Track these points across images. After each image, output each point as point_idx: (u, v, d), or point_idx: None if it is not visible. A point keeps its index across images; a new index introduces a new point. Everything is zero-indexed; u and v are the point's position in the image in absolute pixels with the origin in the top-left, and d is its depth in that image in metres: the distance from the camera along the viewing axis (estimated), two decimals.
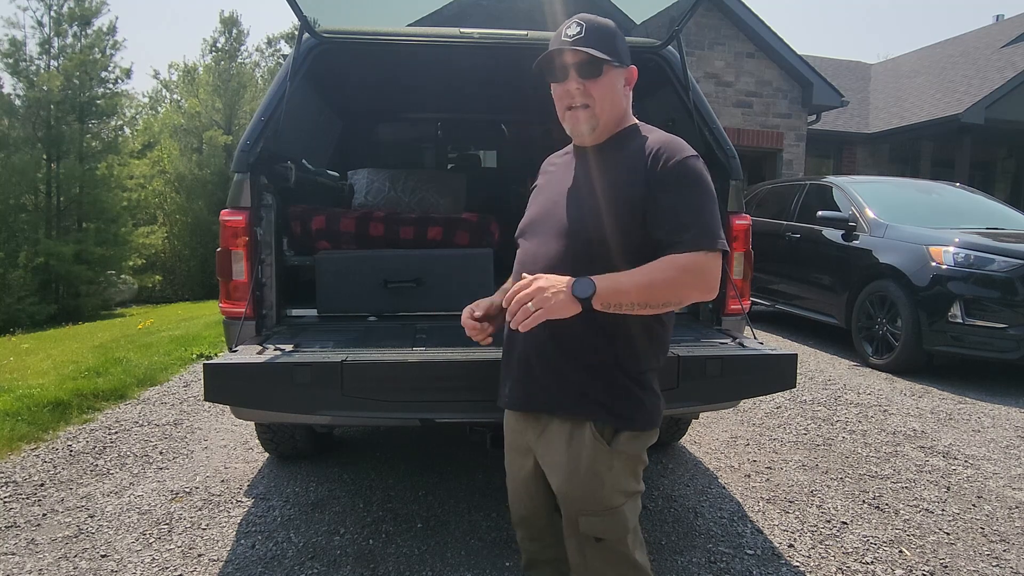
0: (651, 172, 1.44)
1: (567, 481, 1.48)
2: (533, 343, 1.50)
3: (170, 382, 5.24)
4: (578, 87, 1.48)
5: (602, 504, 1.46)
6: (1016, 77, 12.14)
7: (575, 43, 1.46)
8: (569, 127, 1.55)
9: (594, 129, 1.52)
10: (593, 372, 1.47)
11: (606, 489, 1.46)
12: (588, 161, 1.55)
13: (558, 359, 1.48)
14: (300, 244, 2.99)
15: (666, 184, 1.42)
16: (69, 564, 2.45)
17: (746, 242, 2.71)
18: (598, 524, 1.47)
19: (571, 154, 1.65)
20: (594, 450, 1.46)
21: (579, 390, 1.47)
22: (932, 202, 6.50)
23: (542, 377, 1.51)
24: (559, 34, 1.51)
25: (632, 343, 1.48)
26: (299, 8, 2.43)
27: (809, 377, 5.32)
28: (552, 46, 1.51)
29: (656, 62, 2.87)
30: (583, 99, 1.49)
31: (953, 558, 2.56)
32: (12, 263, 11.74)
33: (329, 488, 3.13)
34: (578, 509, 1.48)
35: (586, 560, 1.49)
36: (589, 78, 1.47)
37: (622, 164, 1.49)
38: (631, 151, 1.50)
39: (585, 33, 1.47)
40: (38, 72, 13.21)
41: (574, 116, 1.52)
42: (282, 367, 1.95)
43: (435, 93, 4.02)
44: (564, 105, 1.53)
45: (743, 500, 3.06)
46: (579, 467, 1.46)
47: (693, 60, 11.13)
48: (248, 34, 37.92)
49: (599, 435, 1.46)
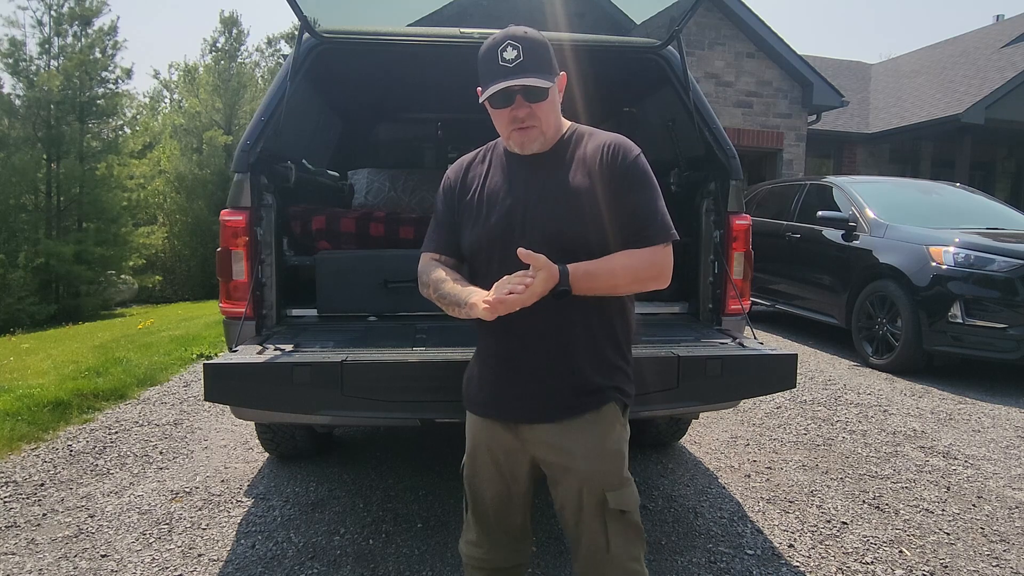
0: (609, 172, 1.54)
1: (599, 461, 1.56)
2: (543, 356, 1.56)
3: (170, 382, 5.24)
4: (528, 111, 1.52)
5: (622, 477, 1.58)
6: (1016, 77, 12.13)
7: (518, 69, 1.47)
8: (517, 146, 1.58)
9: (543, 144, 1.58)
10: (605, 365, 1.58)
11: (623, 463, 1.60)
12: (542, 167, 1.59)
13: (577, 366, 1.56)
14: (300, 244, 2.99)
15: (623, 184, 1.54)
16: (69, 564, 2.45)
17: (746, 242, 2.70)
18: (622, 497, 1.56)
19: (503, 159, 1.65)
20: (614, 429, 1.58)
21: (599, 384, 1.57)
22: (932, 202, 6.50)
23: (564, 386, 1.56)
24: (496, 57, 1.49)
25: (624, 329, 1.63)
26: (299, 8, 2.43)
27: (809, 377, 5.32)
28: (488, 71, 1.51)
29: (656, 62, 2.87)
30: (532, 121, 1.53)
31: (953, 558, 2.56)
32: (12, 263, 11.74)
33: (329, 488, 3.13)
34: (604, 487, 1.55)
35: (609, 538, 1.56)
36: (536, 101, 1.51)
37: (578, 167, 1.56)
38: (585, 154, 1.58)
39: (524, 56, 1.48)
40: (38, 72, 13.21)
41: (525, 135, 1.54)
42: (282, 367, 1.95)
43: (435, 93, 4.02)
44: (511, 128, 1.55)
45: (743, 500, 3.06)
46: (607, 447, 1.57)
47: (693, 60, 11.12)
48: (248, 34, 38.02)
49: (617, 415, 1.59)
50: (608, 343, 1.59)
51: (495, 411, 1.64)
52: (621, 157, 1.55)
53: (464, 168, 1.72)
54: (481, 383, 1.67)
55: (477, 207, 1.63)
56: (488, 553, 1.71)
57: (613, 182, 1.53)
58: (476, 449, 1.69)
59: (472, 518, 1.73)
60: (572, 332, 1.54)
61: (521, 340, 1.55)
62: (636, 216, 1.53)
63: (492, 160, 1.68)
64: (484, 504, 1.70)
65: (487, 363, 1.65)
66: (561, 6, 8.21)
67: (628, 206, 1.53)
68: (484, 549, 1.72)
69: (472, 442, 1.70)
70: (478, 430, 1.68)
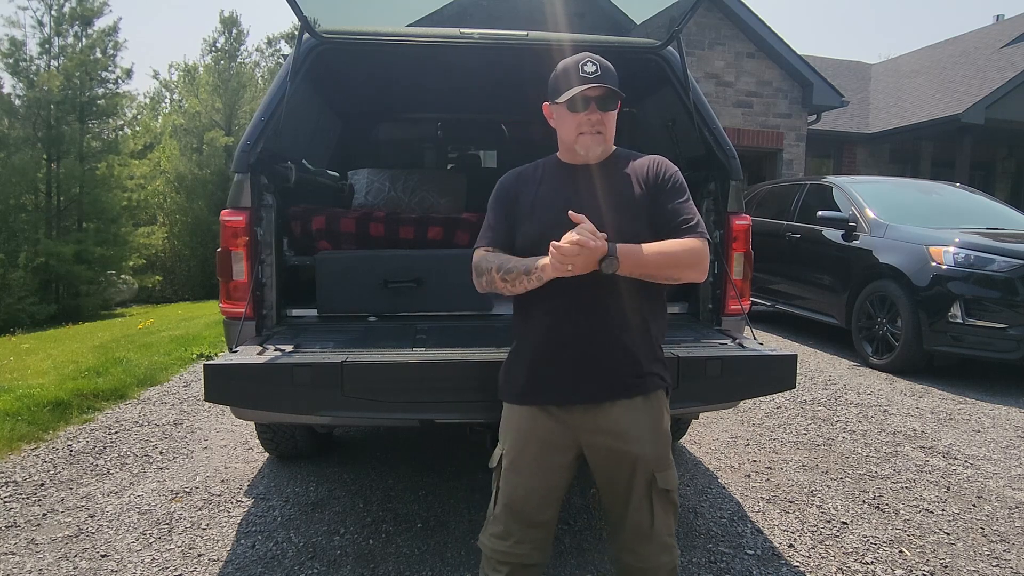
0: (654, 183, 1.76)
1: (652, 445, 1.70)
2: (594, 339, 1.68)
3: (170, 382, 5.24)
4: (599, 117, 1.73)
5: (669, 459, 1.74)
6: (1016, 77, 12.12)
7: (598, 80, 1.70)
8: (583, 149, 1.75)
9: (603, 152, 1.77)
10: (652, 351, 1.75)
11: (670, 446, 1.76)
12: (594, 176, 1.78)
13: (628, 348, 1.70)
14: (300, 244, 2.99)
15: (668, 192, 1.75)
16: (69, 564, 2.46)
17: (746, 242, 2.70)
18: (669, 477, 1.72)
19: (557, 170, 1.83)
20: (663, 414, 1.75)
21: (648, 369, 1.72)
22: (932, 202, 6.49)
23: (618, 366, 1.69)
24: (576, 69, 1.72)
25: (662, 320, 1.82)
26: (299, 8, 2.43)
27: (809, 377, 5.32)
28: (568, 80, 1.72)
29: (656, 62, 2.87)
30: (600, 127, 1.73)
31: (953, 558, 2.56)
32: (12, 263, 11.74)
33: (329, 488, 3.13)
34: (655, 467, 1.70)
35: (654, 517, 1.70)
36: (607, 110, 1.74)
37: (629, 179, 1.77)
38: (633, 167, 1.79)
39: (602, 72, 1.72)
40: (38, 72, 13.20)
41: (590, 140, 1.74)
42: (282, 367, 1.95)
43: (435, 93, 4.02)
44: (578, 131, 1.74)
45: (743, 500, 3.06)
46: (659, 430, 1.73)
47: (693, 60, 11.12)
48: (248, 34, 37.96)
49: (664, 401, 1.77)
50: (652, 332, 1.75)
51: (544, 396, 1.71)
52: (664, 171, 1.78)
53: (518, 176, 1.87)
54: (525, 372, 1.74)
55: (531, 208, 1.78)
56: (514, 547, 1.73)
57: (657, 191, 1.75)
58: (526, 440, 1.73)
59: (502, 512, 1.74)
60: (622, 315, 1.68)
61: (569, 325, 1.68)
62: (679, 216, 1.72)
63: (546, 170, 1.85)
64: (522, 497, 1.72)
65: (534, 351, 1.73)
66: (561, 6, 8.20)
67: (671, 208, 1.73)
68: (510, 543, 1.73)
69: (517, 433, 1.74)
70: (524, 420, 1.74)
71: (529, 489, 1.71)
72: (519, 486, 1.72)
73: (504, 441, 1.76)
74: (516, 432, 1.74)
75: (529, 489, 1.71)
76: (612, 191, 1.74)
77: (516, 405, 1.75)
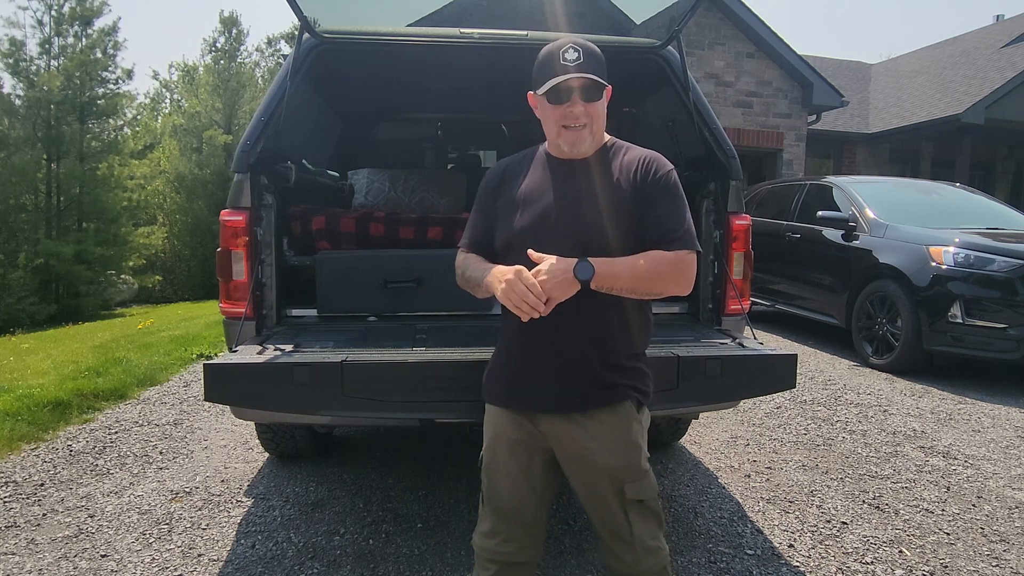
0: (642, 183, 1.64)
1: (618, 456, 1.64)
2: (563, 349, 1.63)
3: (170, 382, 5.24)
4: (582, 109, 1.61)
5: (640, 469, 1.67)
6: (1016, 77, 12.13)
7: (579, 68, 1.58)
8: (566, 145, 1.65)
9: (591, 146, 1.67)
10: (623, 363, 1.66)
11: (641, 456, 1.68)
12: (579, 173, 1.68)
13: (595, 360, 1.63)
14: (300, 244, 2.99)
15: (656, 195, 1.64)
16: (69, 564, 2.46)
17: (746, 242, 2.70)
18: (640, 488, 1.66)
19: (541, 164, 1.73)
20: (631, 425, 1.67)
21: (615, 381, 1.65)
22: (932, 202, 6.49)
23: (582, 379, 1.63)
24: (556, 57, 1.60)
25: (642, 330, 1.72)
26: (299, 8, 2.43)
27: (809, 377, 5.32)
28: (549, 68, 1.60)
29: (656, 62, 2.87)
30: (585, 119, 1.62)
31: (953, 558, 2.56)
32: (12, 263, 11.74)
33: (329, 488, 3.13)
34: (623, 479, 1.65)
35: (631, 525, 1.67)
36: (591, 101, 1.61)
37: (616, 176, 1.66)
38: (622, 164, 1.68)
39: (584, 58, 1.59)
40: (38, 72, 13.20)
41: (575, 135, 1.63)
42: (282, 367, 1.95)
43: (435, 93, 4.02)
44: (561, 124, 1.63)
45: (743, 500, 3.06)
46: (626, 441, 1.65)
47: (693, 60, 11.12)
48: (248, 34, 37.99)
49: (633, 413, 1.67)
50: (625, 341, 1.66)
51: (515, 402, 1.70)
52: (655, 170, 1.65)
53: (502, 170, 1.80)
54: (501, 375, 1.73)
55: (512, 206, 1.70)
56: (501, 545, 1.73)
57: (645, 191, 1.63)
58: (496, 440, 1.73)
59: (488, 510, 1.75)
60: (595, 326, 1.62)
61: (541, 333, 1.61)
62: (664, 224, 1.61)
63: (532, 163, 1.75)
64: (501, 496, 1.72)
65: (509, 355, 1.71)
66: (561, 6, 8.21)
67: (658, 215, 1.62)
68: (497, 540, 1.73)
69: (491, 433, 1.74)
70: (497, 421, 1.73)
71: (505, 489, 1.72)
72: (495, 485, 1.73)
73: (485, 439, 1.77)
74: (492, 431, 1.74)
75: (505, 489, 1.72)
76: (597, 190, 1.64)
77: (491, 405, 1.76)
